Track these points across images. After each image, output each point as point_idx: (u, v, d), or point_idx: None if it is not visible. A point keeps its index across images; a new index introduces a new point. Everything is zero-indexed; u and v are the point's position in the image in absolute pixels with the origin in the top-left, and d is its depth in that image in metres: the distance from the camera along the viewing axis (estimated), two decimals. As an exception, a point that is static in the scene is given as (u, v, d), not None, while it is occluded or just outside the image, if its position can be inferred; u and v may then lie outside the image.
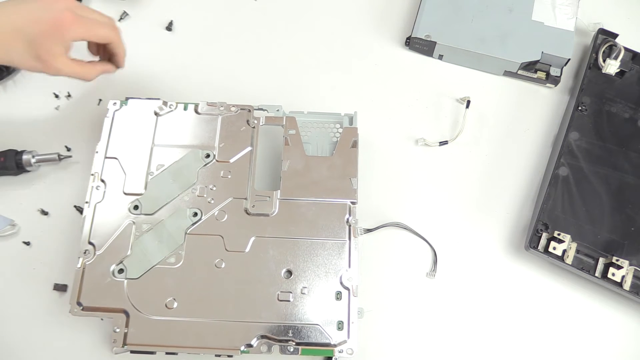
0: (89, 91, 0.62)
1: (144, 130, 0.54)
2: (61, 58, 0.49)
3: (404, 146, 0.61)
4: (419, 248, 0.56)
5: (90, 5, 0.66)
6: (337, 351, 0.47)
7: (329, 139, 0.55)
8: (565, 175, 0.57)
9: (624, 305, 0.55)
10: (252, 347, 0.47)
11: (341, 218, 0.51)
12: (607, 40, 0.63)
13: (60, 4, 0.49)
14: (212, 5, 0.67)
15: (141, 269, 0.49)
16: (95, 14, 0.52)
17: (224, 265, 0.49)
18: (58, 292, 0.53)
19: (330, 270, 0.50)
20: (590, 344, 0.54)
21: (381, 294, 0.54)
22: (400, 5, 0.68)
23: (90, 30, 0.50)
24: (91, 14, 0.51)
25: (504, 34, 0.62)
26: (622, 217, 0.56)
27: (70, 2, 0.50)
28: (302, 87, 0.63)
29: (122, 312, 0.47)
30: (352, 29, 0.67)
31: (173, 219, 0.51)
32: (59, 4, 0.49)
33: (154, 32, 0.66)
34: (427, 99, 0.63)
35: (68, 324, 0.52)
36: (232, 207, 0.52)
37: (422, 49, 0.65)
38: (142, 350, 0.48)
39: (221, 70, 0.64)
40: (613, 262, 0.53)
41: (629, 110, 0.61)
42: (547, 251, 0.53)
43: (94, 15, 0.51)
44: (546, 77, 0.64)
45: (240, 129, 0.55)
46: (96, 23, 0.51)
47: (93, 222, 0.50)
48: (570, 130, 0.59)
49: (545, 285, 0.55)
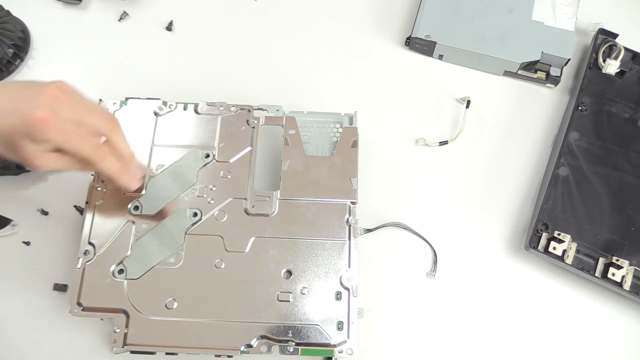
0: (88, 91, 0.61)
1: (144, 130, 0.54)
2: (42, 156, 0.41)
3: (404, 146, 0.61)
4: (419, 248, 0.56)
5: (90, 5, 0.66)
6: (337, 351, 0.47)
7: (329, 139, 0.55)
8: (565, 175, 0.57)
9: (624, 305, 0.55)
10: (252, 347, 0.47)
11: (341, 218, 0.51)
12: (607, 40, 0.63)
13: (43, 97, 0.40)
14: (212, 5, 0.67)
15: (141, 269, 0.49)
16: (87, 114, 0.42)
17: (224, 266, 0.49)
18: (58, 292, 0.53)
19: (330, 270, 0.50)
20: (590, 344, 0.54)
21: (381, 294, 0.54)
22: (400, 5, 0.68)
23: (65, 140, 0.41)
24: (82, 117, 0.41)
25: (504, 34, 0.62)
26: (622, 217, 0.55)
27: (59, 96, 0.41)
28: (302, 87, 0.63)
29: (122, 312, 0.47)
30: (352, 29, 0.67)
31: (173, 219, 0.51)
32: (41, 96, 0.40)
33: (154, 32, 0.66)
34: (427, 99, 0.63)
35: (68, 324, 0.52)
36: (232, 207, 0.52)
37: (422, 49, 0.65)
38: (142, 351, 0.47)
39: (221, 70, 0.64)
40: (613, 262, 0.53)
41: (629, 110, 0.61)
42: (547, 251, 0.53)
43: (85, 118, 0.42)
44: (546, 77, 0.64)
45: (240, 129, 0.55)
46: (76, 133, 0.41)
47: (93, 222, 0.50)
48: (570, 130, 0.59)
49: (545, 285, 0.55)
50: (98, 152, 0.43)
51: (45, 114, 0.39)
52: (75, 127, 0.41)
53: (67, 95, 0.41)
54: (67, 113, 0.41)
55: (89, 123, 0.42)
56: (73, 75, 0.63)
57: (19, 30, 0.62)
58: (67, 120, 0.41)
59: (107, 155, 0.44)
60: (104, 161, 0.44)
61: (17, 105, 0.40)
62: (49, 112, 0.40)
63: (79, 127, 0.41)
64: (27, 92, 0.40)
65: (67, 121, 0.41)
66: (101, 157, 0.43)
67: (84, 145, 0.42)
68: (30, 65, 0.63)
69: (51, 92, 0.40)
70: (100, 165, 0.44)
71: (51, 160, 0.42)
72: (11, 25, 0.61)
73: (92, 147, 0.42)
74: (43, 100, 0.40)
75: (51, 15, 0.65)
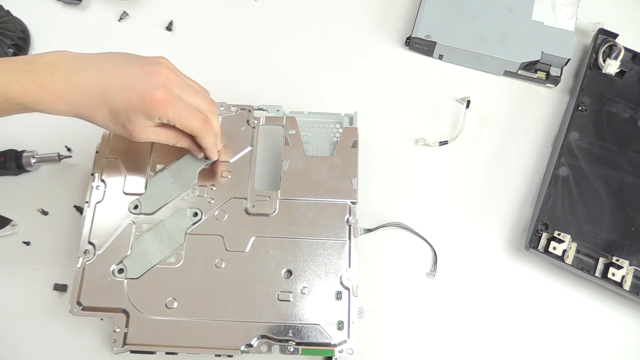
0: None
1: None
2: (148, 130, 0.45)
3: (404, 146, 0.61)
4: (419, 248, 0.56)
5: (89, 5, 0.66)
6: (337, 351, 0.47)
7: (329, 139, 0.55)
8: (565, 175, 0.57)
9: (624, 305, 0.55)
10: (252, 347, 0.47)
11: (341, 218, 0.51)
12: (607, 40, 0.63)
13: (158, 77, 0.43)
14: (212, 5, 0.67)
15: (141, 269, 0.49)
16: (193, 95, 0.46)
17: (224, 265, 0.49)
18: (58, 292, 0.53)
19: (330, 270, 0.50)
20: (590, 344, 0.54)
21: (381, 294, 0.54)
22: (400, 5, 0.68)
23: (180, 117, 0.45)
24: (189, 96, 0.45)
25: (504, 34, 0.62)
26: (622, 217, 0.56)
27: (171, 76, 0.44)
28: (302, 87, 0.63)
29: (122, 312, 0.47)
30: (352, 29, 0.67)
31: (173, 219, 0.51)
32: (157, 77, 0.43)
33: (154, 32, 0.66)
34: (427, 99, 0.63)
35: (68, 324, 0.52)
36: (232, 207, 0.52)
37: (422, 49, 0.65)
38: (142, 350, 0.47)
39: (221, 70, 0.64)
40: (613, 262, 0.53)
41: (629, 110, 0.61)
42: (547, 251, 0.53)
43: (191, 98, 0.46)
44: (546, 77, 0.64)
45: (240, 129, 0.55)
46: (189, 111, 0.45)
47: (93, 222, 0.50)
48: (570, 130, 0.59)
49: (545, 285, 0.55)
50: (204, 128, 0.47)
51: (165, 95, 0.43)
52: (187, 106, 0.45)
53: (177, 76, 0.45)
54: (180, 92, 0.45)
55: (196, 103, 0.46)
56: (73, 75, 0.63)
57: (19, 30, 0.62)
58: (180, 99, 0.45)
59: (209, 131, 0.48)
60: (207, 136, 0.48)
61: (133, 84, 0.43)
62: (168, 93, 0.43)
63: (186, 107, 0.45)
64: (141, 72, 0.43)
65: (181, 100, 0.45)
66: (206, 132, 0.47)
67: (195, 121, 0.46)
68: (30, 65, 0.63)
69: (165, 73, 0.44)
70: (203, 139, 0.48)
71: (155, 133, 0.46)
72: (11, 25, 0.61)
73: (201, 124, 0.46)
74: (160, 81, 0.43)
75: (51, 15, 0.66)
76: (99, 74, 0.43)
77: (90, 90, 0.42)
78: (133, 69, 0.43)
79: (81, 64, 0.43)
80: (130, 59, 0.45)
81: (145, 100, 0.42)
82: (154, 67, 0.44)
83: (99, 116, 0.44)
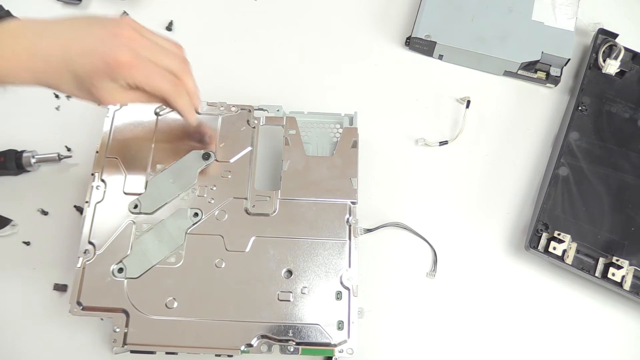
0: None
1: (144, 130, 0.54)
2: (115, 93, 0.43)
3: (404, 146, 0.61)
4: (419, 248, 0.56)
5: (89, 5, 0.66)
6: (337, 351, 0.47)
7: (329, 139, 0.55)
8: (565, 175, 0.57)
9: (624, 305, 0.55)
10: (252, 347, 0.47)
11: (341, 218, 0.51)
12: (607, 40, 0.63)
13: (122, 38, 0.41)
14: (212, 5, 0.67)
15: (141, 269, 0.49)
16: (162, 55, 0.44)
17: (224, 265, 0.49)
18: (58, 292, 0.53)
19: (330, 270, 0.50)
20: (590, 344, 0.54)
21: (381, 294, 0.54)
22: (400, 5, 0.68)
23: (147, 80, 0.42)
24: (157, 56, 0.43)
25: (504, 34, 0.62)
26: (622, 217, 0.56)
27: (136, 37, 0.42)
28: (302, 87, 0.63)
29: (122, 311, 0.47)
30: (352, 29, 0.67)
31: (173, 219, 0.51)
32: (120, 38, 0.41)
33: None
34: (427, 99, 0.63)
35: (68, 324, 0.51)
36: (233, 207, 0.52)
37: (422, 49, 0.65)
38: (142, 350, 0.47)
39: (221, 70, 0.64)
40: (613, 262, 0.53)
41: (629, 110, 0.61)
42: (547, 251, 0.53)
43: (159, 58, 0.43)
44: (546, 77, 0.64)
45: (240, 129, 0.55)
46: (157, 73, 0.43)
47: (93, 222, 0.50)
48: (570, 130, 0.59)
49: (545, 285, 0.55)
50: (175, 90, 0.45)
51: (129, 57, 0.41)
52: (155, 67, 0.43)
53: (142, 36, 0.43)
54: (147, 53, 0.42)
55: (165, 63, 0.44)
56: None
57: (19, 30, 0.62)
58: (148, 60, 0.42)
59: (182, 92, 0.45)
60: (179, 97, 0.45)
61: (96, 47, 0.41)
62: (133, 54, 0.41)
63: (158, 67, 0.43)
64: (102, 34, 0.41)
65: (148, 61, 0.42)
66: (177, 94, 0.45)
67: (164, 84, 0.44)
68: (30, 65, 0.63)
69: (128, 34, 0.42)
70: (174, 101, 0.45)
71: (126, 96, 0.43)
72: (11, 25, 0.61)
73: (170, 86, 0.44)
74: (124, 42, 0.41)
75: (51, 15, 0.65)
76: (60, 39, 0.41)
77: (52, 57, 0.41)
78: (95, 31, 0.42)
79: (42, 31, 0.42)
80: (92, 22, 0.43)
81: (109, 62, 0.41)
82: (117, 29, 0.42)
83: (63, 83, 0.42)
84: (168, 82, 0.44)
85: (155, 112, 0.55)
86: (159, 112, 0.55)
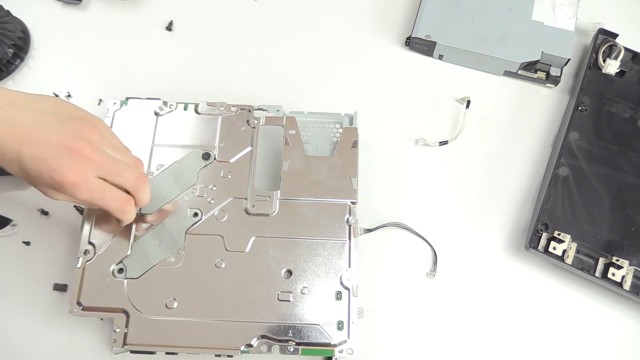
0: (89, 91, 0.62)
1: (144, 130, 0.54)
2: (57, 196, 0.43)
3: (404, 146, 0.61)
4: (419, 248, 0.56)
5: (89, 5, 0.66)
6: (337, 351, 0.47)
7: (329, 139, 0.55)
8: (565, 175, 0.57)
9: (624, 305, 0.55)
10: (252, 347, 0.47)
11: (341, 218, 0.51)
12: (607, 40, 0.63)
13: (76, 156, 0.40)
14: (212, 5, 0.67)
15: (141, 269, 0.49)
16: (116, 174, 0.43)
17: (224, 265, 0.49)
18: (58, 292, 0.53)
19: (330, 270, 0.50)
20: (590, 344, 0.54)
21: (381, 294, 0.54)
22: (400, 5, 0.68)
23: (91, 199, 0.42)
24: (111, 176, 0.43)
25: (504, 34, 0.62)
26: (622, 217, 0.56)
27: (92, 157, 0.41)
28: (302, 87, 0.63)
29: (122, 312, 0.47)
30: (352, 29, 0.67)
31: (173, 219, 0.51)
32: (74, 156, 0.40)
33: (154, 32, 0.66)
34: (427, 99, 0.63)
35: (68, 324, 0.52)
36: (232, 207, 0.52)
37: (422, 49, 0.65)
38: (142, 350, 0.48)
39: (221, 70, 0.64)
40: (613, 262, 0.53)
41: (629, 110, 0.61)
42: (547, 251, 0.53)
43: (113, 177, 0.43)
44: (546, 77, 0.64)
45: (240, 129, 0.55)
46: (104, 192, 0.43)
47: (93, 221, 0.50)
48: (570, 130, 0.59)
49: (545, 285, 0.55)
50: (120, 209, 0.45)
51: (77, 178, 0.41)
52: (101, 187, 0.42)
53: (98, 154, 0.42)
54: (98, 172, 0.42)
55: (118, 181, 0.44)
56: (73, 75, 0.63)
57: (19, 30, 0.62)
58: (95, 180, 0.42)
59: (127, 211, 0.45)
60: (123, 216, 0.46)
61: (47, 157, 0.40)
62: (81, 176, 0.41)
63: (106, 186, 0.43)
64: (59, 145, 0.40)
65: (95, 181, 0.42)
66: (121, 214, 0.45)
67: (109, 203, 0.44)
68: (30, 65, 0.63)
69: (82, 153, 0.41)
70: (121, 219, 0.46)
71: (68, 199, 0.43)
72: (11, 25, 0.61)
73: (116, 205, 0.44)
74: (75, 162, 0.41)
75: (51, 15, 0.65)
76: (19, 130, 0.40)
77: (5, 144, 0.40)
78: (53, 137, 0.41)
79: (4, 111, 0.41)
80: (56, 119, 0.42)
81: (55, 178, 0.40)
82: (74, 143, 0.41)
83: (10, 169, 0.42)
84: (115, 202, 0.44)
85: (155, 112, 0.55)
86: (159, 112, 0.55)
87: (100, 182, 0.42)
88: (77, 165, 0.41)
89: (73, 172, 0.41)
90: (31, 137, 0.40)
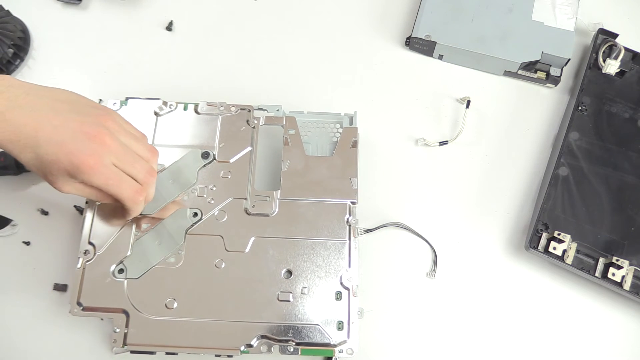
0: (88, 91, 0.62)
1: (144, 130, 0.54)
2: (69, 185, 0.43)
3: (404, 146, 0.61)
4: (419, 248, 0.56)
5: (89, 5, 0.66)
6: (337, 351, 0.47)
7: (329, 139, 0.55)
8: (565, 175, 0.57)
9: (624, 305, 0.55)
10: (252, 347, 0.47)
11: (341, 218, 0.51)
12: (607, 40, 0.63)
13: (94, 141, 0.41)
14: (212, 5, 0.67)
15: (141, 269, 0.49)
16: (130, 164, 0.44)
17: (224, 265, 0.49)
18: (58, 292, 0.53)
19: (330, 270, 0.50)
20: (590, 344, 0.54)
21: (381, 294, 0.54)
22: (400, 5, 0.68)
23: (106, 185, 0.43)
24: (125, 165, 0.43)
25: (504, 34, 0.62)
26: (622, 217, 0.56)
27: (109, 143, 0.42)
28: (302, 87, 0.63)
29: (122, 312, 0.47)
30: (352, 29, 0.67)
31: (173, 219, 0.51)
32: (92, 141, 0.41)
33: (154, 32, 0.66)
34: (427, 99, 0.63)
35: (68, 324, 0.52)
36: (232, 207, 0.52)
37: (422, 49, 0.65)
38: (142, 351, 0.48)
39: (221, 70, 0.64)
40: (613, 262, 0.53)
41: (629, 110, 0.61)
42: (547, 251, 0.53)
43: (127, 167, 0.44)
44: (546, 77, 0.64)
45: (240, 129, 0.55)
46: (119, 179, 0.43)
47: (93, 222, 0.50)
48: (570, 130, 0.59)
49: (545, 285, 0.55)
50: (132, 198, 0.45)
51: (94, 162, 0.41)
52: (116, 174, 0.43)
53: (115, 142, 0.43)
54: (113, 159, 0.43)
55: (131, 171, 0.44)
56: (73, 75, 0.63)
57: (19, 30, 0.62)
58: (111, 166, 0.43)
59: (138, 201, 0.46)
60: (134, 206, 0.46)
61: (65, 140, 0.41)
62: (98, 160, 0.41)
63: (121, 173, 0.43)
64: (76, 128, 0.41)
65: (111, 167, 0.43)
66: (133, 203, 0.46)
67: (123, 191, 0.44)
68: (30, 65, 0.63)
69: (101, 139, 0.42)
70: (129, 207, 0.46)
71: (79, 190, 0.44)
72: (11, 25, 0.61)
73: (129, 194, 0.44)
74: (93, 146, 0.41)
75: (51, 15, 0.65)
76: (35, 116, 0.41)
77: (21, 131, 0.40)
78: (71, 122, 0.41)
79: (20, 99, 0.41)
80: (73, 108, 0.43)
81: (72, 161, 0.41)
82: (93, 129, 0.42)
83: (23, 156, 0.41)
84: (129, 190, 0.44)
85: (155, 112, 0.55)
86: (158, 112, 0.55)
87: (116, 170, 0.43)
88: (96, 150, 0.41)
89: (92, 156, 0.41)
90: (48, 122, 0.41)
